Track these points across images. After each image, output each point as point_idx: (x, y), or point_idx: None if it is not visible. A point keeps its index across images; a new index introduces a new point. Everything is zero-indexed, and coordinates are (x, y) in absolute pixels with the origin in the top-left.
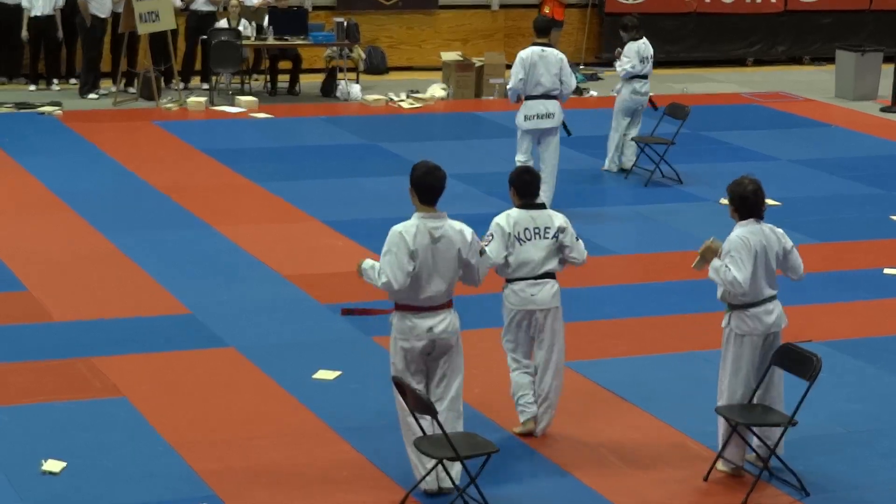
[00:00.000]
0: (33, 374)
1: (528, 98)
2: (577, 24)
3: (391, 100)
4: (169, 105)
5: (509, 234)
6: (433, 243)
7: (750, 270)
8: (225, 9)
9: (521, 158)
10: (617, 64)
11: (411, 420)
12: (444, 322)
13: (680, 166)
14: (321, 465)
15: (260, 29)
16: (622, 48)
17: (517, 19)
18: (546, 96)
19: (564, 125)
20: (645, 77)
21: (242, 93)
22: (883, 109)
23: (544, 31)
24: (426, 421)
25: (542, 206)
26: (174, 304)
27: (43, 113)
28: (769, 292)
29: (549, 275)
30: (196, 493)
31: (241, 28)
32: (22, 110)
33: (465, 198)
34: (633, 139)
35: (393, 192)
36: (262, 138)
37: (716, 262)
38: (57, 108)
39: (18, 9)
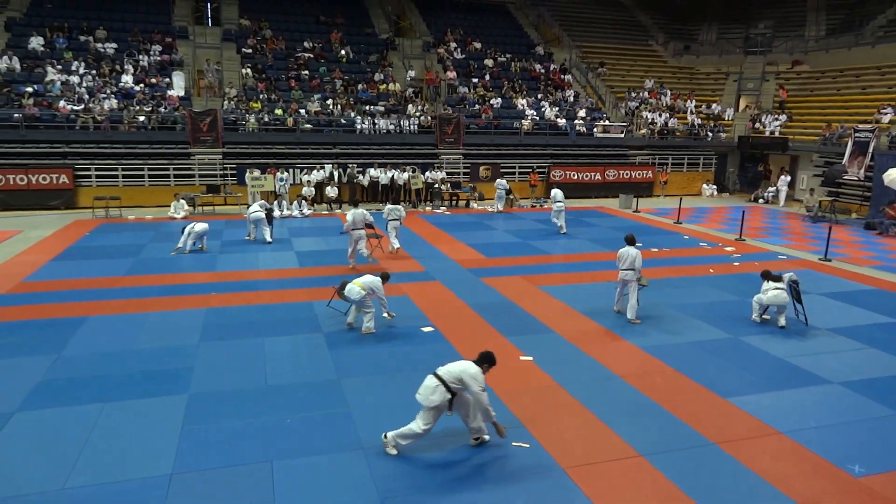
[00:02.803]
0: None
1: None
2: (542, 185)
3: (486, 209)
4: (420, 209)
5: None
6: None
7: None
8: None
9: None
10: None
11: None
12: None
13: (571, 229)
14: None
15: (446, 185)
16: None
17: (524, 183)
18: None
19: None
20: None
21: (441, 205)
22: (633, 211)
23: (631, 241)
24: None
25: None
26: (420, 268)
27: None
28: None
29: None
30: (422, 322)
31: (442, 186)
32: (375, 212)
33: (507, 239)
34: None
35: (491, 237)
36: (450, 220)
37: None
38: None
39: (377, 181)
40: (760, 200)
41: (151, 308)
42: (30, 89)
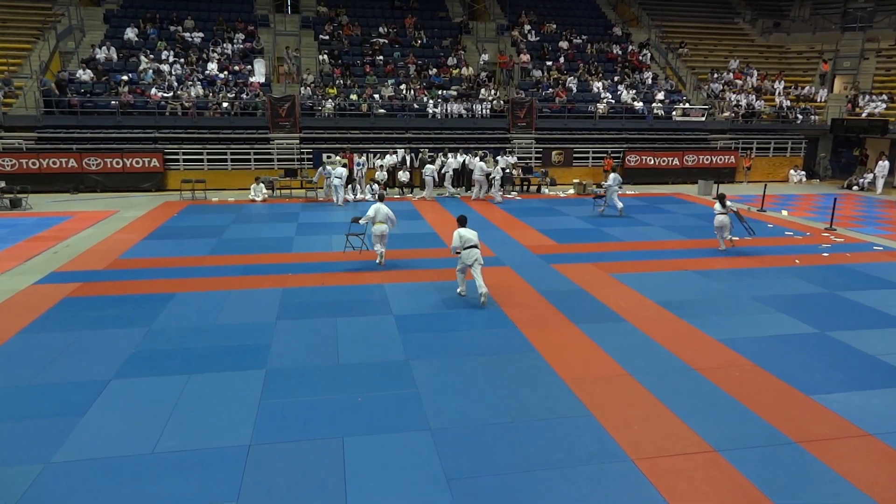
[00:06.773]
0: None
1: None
2: (620, 169)
3: (557, 194)
4: (493, 196)
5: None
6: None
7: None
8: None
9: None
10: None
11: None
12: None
13: (646, 216)
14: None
15: (518, 170)
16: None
17: (597, 169)
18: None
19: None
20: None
21: (512, 191)
22: (713, 198)
23: (721, 200)
24: None
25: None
26: (490, 253)
27: (455, 197)
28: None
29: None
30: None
31: (513, 171)
32: (448, 196)
33: (579, 226)
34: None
35: (562, 222)
36: (518, 205)
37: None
38: (458, 195)
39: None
40: (855, 187)
41: (232, 286)
42: (125, 78)
